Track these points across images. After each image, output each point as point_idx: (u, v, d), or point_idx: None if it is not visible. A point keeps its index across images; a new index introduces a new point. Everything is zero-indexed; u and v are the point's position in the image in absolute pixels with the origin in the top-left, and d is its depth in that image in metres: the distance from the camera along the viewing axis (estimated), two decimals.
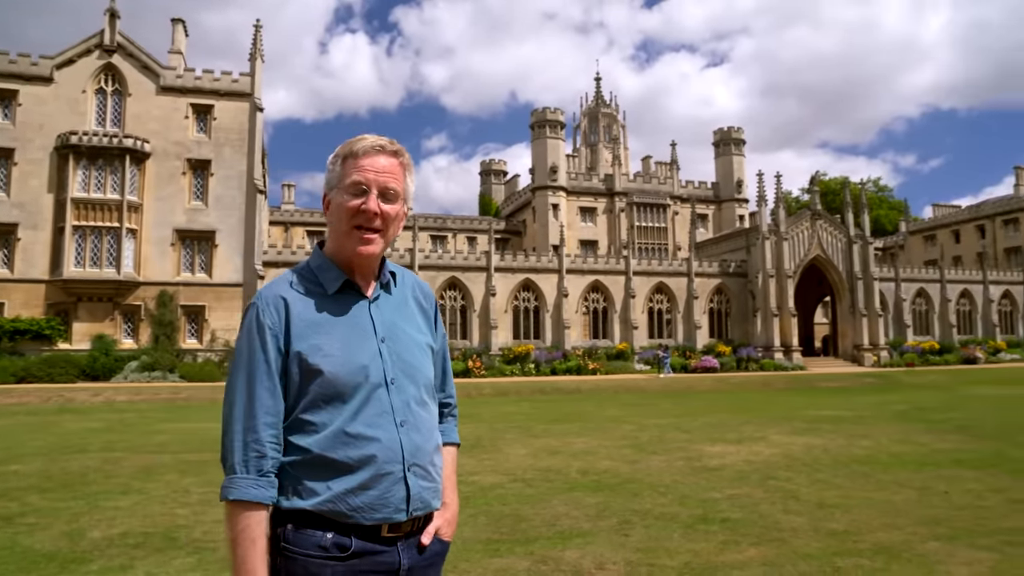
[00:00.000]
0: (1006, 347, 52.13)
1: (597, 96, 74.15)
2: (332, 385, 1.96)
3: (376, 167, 2.06)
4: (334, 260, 2.11)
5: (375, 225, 2.05)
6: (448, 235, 66.25)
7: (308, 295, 2.06)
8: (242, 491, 1.89)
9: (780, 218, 48.12)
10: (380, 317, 2.11)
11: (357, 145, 2.09)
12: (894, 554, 5.95)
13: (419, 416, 2.08)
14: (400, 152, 2.13)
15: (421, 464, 2.04)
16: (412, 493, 2.00)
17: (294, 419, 1.98)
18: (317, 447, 1.94)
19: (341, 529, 1.92)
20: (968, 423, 16.02)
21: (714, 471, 10.12)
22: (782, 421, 17.10)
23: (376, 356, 2.04)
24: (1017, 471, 9.81)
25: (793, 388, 32.19)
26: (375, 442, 1.96)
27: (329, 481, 1.93)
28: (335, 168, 2.11)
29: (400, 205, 2.12)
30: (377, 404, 2.00)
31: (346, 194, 2.05)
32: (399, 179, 2.10)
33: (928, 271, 56.96)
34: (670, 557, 5.95)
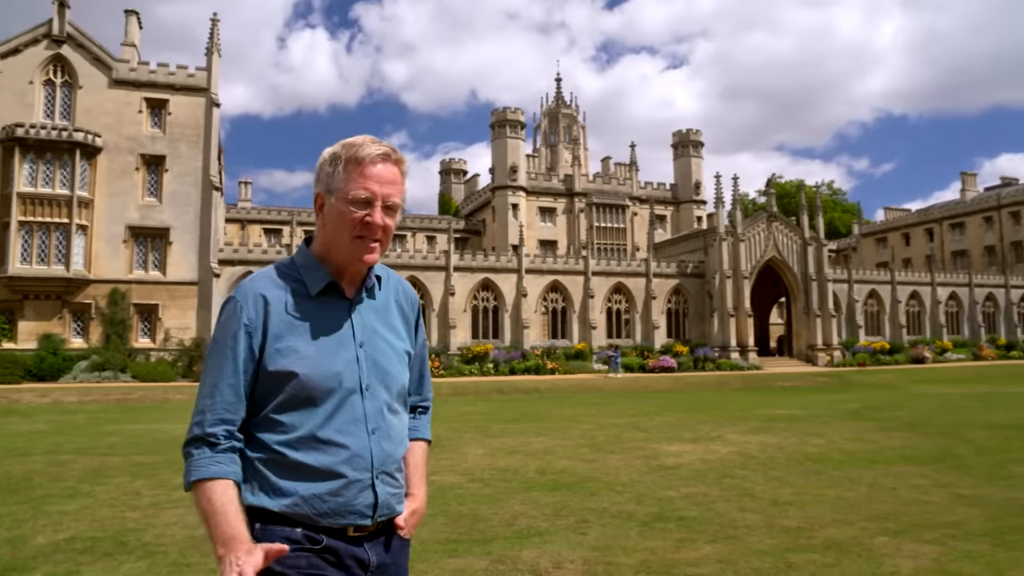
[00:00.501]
0: (952, 347, 53.51)
1: (557, 96, 74.38)
2: (305, 388, 1.94)
3: (381, 179, 2.03)
4: (322, 261, 2.08)
5: (379, 237, 2.04)
6: (407, 234, 65.91)
7: (290, 294, 2.03)
8: (200, 470, 1.87)
9: (737, 220, 48.78)
10: (360, 322, 2.08)
11: (362, 152, 2.03)
12: (844, 549, 6.06)
13: (391, 423, 2.07)
14: (401, 161, 2.11)
15: (389, 472, 2.05)
16: (380, 500, 2.00)
17: (265, 417, 1.97)
18: (287, 448, 1.93)
19: (309, 528, 1.93)
20: (916, 421, 16.40)
21: (671, 470, 10.21)
22: (738, 420, 17.31)
23: (352, 362, 2.02)
24: (961, 467, 10.07)
25: (749, 388, 32.65)
26: (345, 449, 1.96)
27: (297, 484, 1.92)
28: (336, 171, 2.05)
29: (398, 216, 2.12)
30: (350, 410, 1.98)
31: (351, 205, 2.01)
32: (400, 190, 2.09)
33: (879, 273, 58.23)
34: (627, 555, 5.98)
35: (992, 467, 10.06)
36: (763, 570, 5.54)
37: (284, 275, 2.08)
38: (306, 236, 2.19)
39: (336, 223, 2.03)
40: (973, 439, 13.00)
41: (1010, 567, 5.52)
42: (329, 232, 2.07)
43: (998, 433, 13.82)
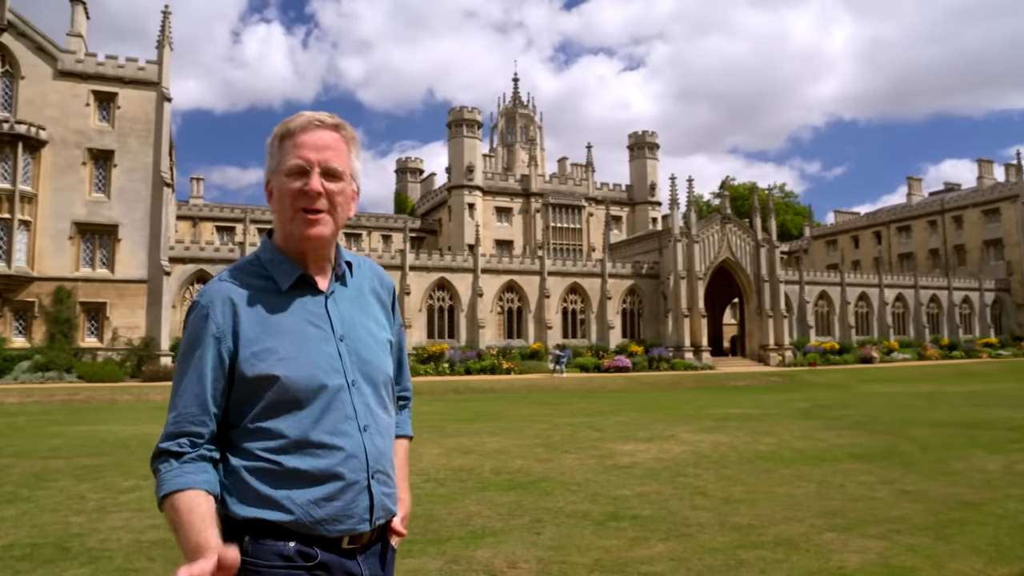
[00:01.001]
0: (898, 347, 54.87)
1: (515, 97, 74.51)
2: (289, 391, 1.82)
3: (316, 144, 1.90)
4: (285, 252, 1.96)
5: (320, 206, 1.89)
6: (362, 233, 65.42)
7: (259, 292, 1.91)
8: (170, 482, 1.75)
9: (691, 221, 49.35)
10: (338, 313, 1.97)
11: (293, 122, 1.93)
12: (794, 545, 6.16)
13: (380, 419, 1.96)
14: (341, 125, 1.97)
15: (384, 470, 1.94)
16: (376, 502, 1.89)
17: (250, 425, 1.84)
18: (278, 455, 1.81)
19: (303, 540, 1.80)
20: (864, 419, 16.76)
21: (625, 469, 10.28)
22: (691, 419, 17.51)
23: (335, 357, 1.90)
24: (906, 464, 10.31)
25: (702, 387, 33.06)
26: (339, 451, 1.84)
27: (291, 491, 1.80)
28: (273, 150, 1.95)
29: (346, 183, 1.95)
30: (340, 409, 1.87)
31: (286, 176, 1.89)
32: (342, 155, 1.94)
33: (830, 275, 59.44)
34: (581, 554, 6.00)
35: (935, 464, 10.32)
36: (715, 567, 5.60)
37: (251, 272, 1.95)
38: (268, 231, 2.06)
39: (280, 202, 1.92)
40: (917, 437, 13.33)
41: (950, 559, 5.67)
42: (277, 215, 1.95)
43: (941, 431, 14.19)
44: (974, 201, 70.37)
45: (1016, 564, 5.53)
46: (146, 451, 12.26)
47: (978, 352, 56.56)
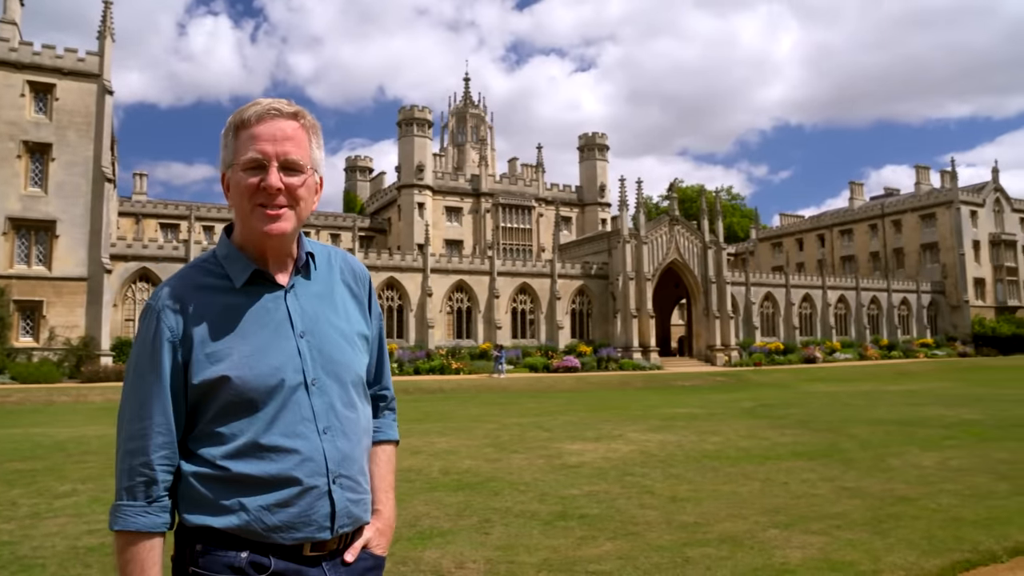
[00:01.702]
0: (840, 347, 56.25)
1: (466, 96, 74.38)
2: (241, 392, 1.73)
3: (274, 135, 1.78)
4: (243, 248, 1.85)
5: (279, 202, 1.78)
6: (311, 232, 64.59)
7: (213, 291, 1.81)
8: (128, 520, 1.68)
9: (640, 223, 49.85)
10: (298, 309, 1.85)
11: (249, 111, 1.80)
12: (738, 542, 6.25)
13: (346, 419, 1.83)
14: (300, 113, 1.84)
15: (349, 475, 1.82)
16: (337, 508, 1.77)
17: (203, 430, 1.76)
18: (228, 461, 1.71)
19: (257, 548, 1.71)
20: (807, 418, 17.12)
21: (573, 468, 10.32)
22: (639, 419, 17.68)
23: (294, 355, 1.79)
24: (846, 461, 10.55)
25: (650, 387, 33.42)
26: (294, 454, 1.74)
27: (242, 498, 1.70)
28: (228, 142, 1.83)
29: (308, 175, 1.83)
30: (295, 410, 1.76)
31: (243, 171, 1.78)
32: (302, 146, 1.82)
33: (775, 276, 60.63)
34: (529, 554, 6.00)
35: (873, 460, 10.59)
36: (661, 565, 5.65)
37: (205, 271, 1.85)
38: (227, 225, 1.93)
39: (237, 197, 1.80)
40: (857, 434, 13.66)
41: (886, 552, 5.82)
42: (235, 210, 1.84)
43: (879, 428, 14.57)
44: (912, 206, 72.53)
45: (947, 556, 5.70)
46: (84, 454, 11.92)
47: (915, 352, 58.29)
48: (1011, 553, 5.83)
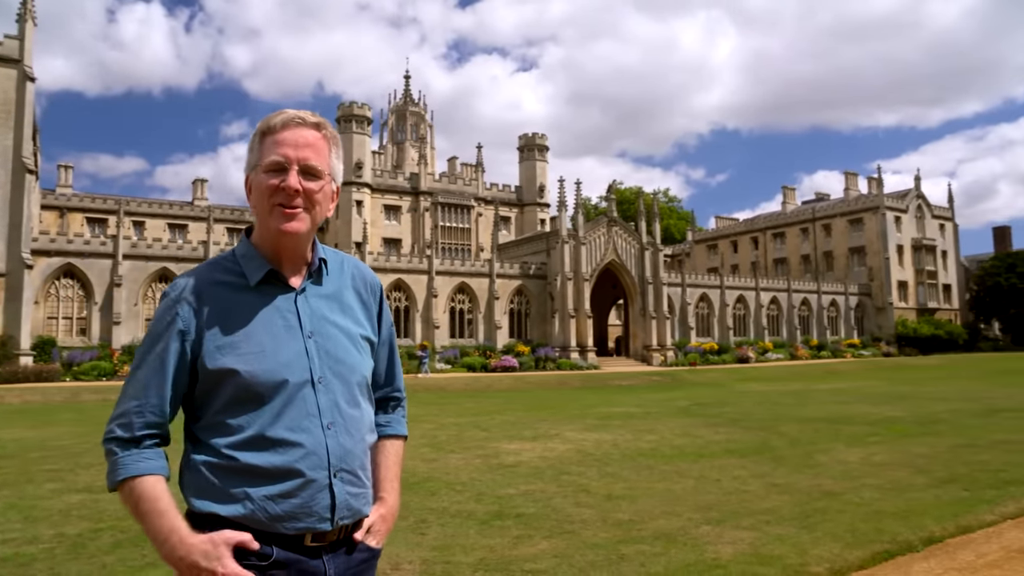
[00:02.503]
0: (772, 347, 57.68)
1: (406, 94, 73.95)
2: (249, 385, 1.81)
3: (296, 142, 1.89)
4: (260, 248, 1.94)
5: (297, 203, 1.88)
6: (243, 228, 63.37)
7: (228, 287, 1.90)
8: (129, 467, 1.76)
9: (579, 223, 50.27)
10: (308, 310, 1.93)
11: (275, 119, 1.92)
12: (672, 539, 6.36)
13: (349, 417, 1.92)
14: (322, 124, 1.96)
15: (350, 469, 1.89)
16: (338, 501, 1.85)
17: (212, 419, 1.84)
18: (235, 451, 1.79)
19: (261, 537, 1.77)
20: (739, 416, 17.50)
21: (510, 468, 10.35)
22: (576, 418, 17.83)
23: (301, 354, 1.87)
24: (776, 458, 10.83)
25: (587, 386, 33.72)
26: (298, 447, 1.82)
27: (248, 487, 1.78)
28: (254, 147, 1.94)
29: (325, 182, 1.93)
30: (301, 405, 1.84)
31: (264, 173, 1.88)
32: (322, 154, 1.93)
33: (710, 278, 61.85)
34: (465, 554, 6.00)
35: (802, 457, 10.89)
36: (596, 563, 5.71)
37: (222, 267, 1.94)
38: (247, 227, 2.03)
39: (257, 197, 1.91)
40: (787, 432, 14.02)
41: (812, 545, 6.00)
42: (256, 210, 1.94)
43: (808, 426, 14.98)
44: (841, 211, 74.81)
45: (868, 547, 5.91)
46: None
47: (843, 352, 60.15)
48: (926, 543, 6.08)
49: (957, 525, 6.59)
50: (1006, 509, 7.21)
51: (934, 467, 9.76)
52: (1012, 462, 10.01)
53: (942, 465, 9.91)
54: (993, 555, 5.73)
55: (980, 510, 7.18)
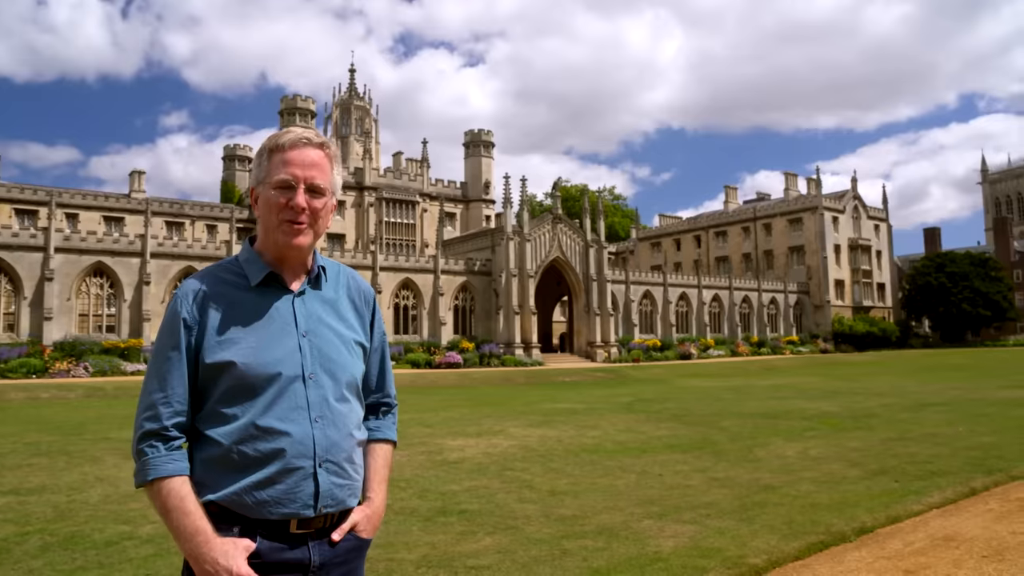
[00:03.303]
0: (714, 344, 58.69)
1: (351, 88, 73.13)
2: (244, 377, 1.94)
3: (303, 162, 2.04)
4: (263, 255, 2.10)
5: (303, 220, 2.03)
6: (185, 222, 61.94)
7: (230, 287, 2.05)
8: (159, 468, 1.88)
9: (524, 220, 50.38)
10: (304, 311, 2.08)
11: (283, 139, 2.07)
12: (614, 533, 6.42)
13: (337, 412, 2.03)
14: (326, 144, 2.11)
15: (335, 460, 2.00)
16: (321, 489, 1.96)
17: (207, 411, 1.97)
18: (228, 439, 1.92)
19: (248, 524, 1.90)
20: (681, 412, 17.77)
21: (454, 464, 10.33)
22: (520, 414, 17.88)
23: (295, 350, 2.01)
24: (717, 452, 11.03)
25: (532, 383, 33.84)
26: (286, 436, 1.94)
27: (237, 473, 1.91)
28: (261, 163, 2.09)
29: (328, 198, 2.10)
30: (291, 398, 1.97)
31: (273, 190, 2.03)
32: (326, 173, 2.08)
33: (654, 275, 62.59)
34: (408, 551, 5.96)
35: (742, 452, 11.11)
36: (540, 558, 5.73)
37: (226, 270, 2.10)
38: (250, 235, 2.21)
39: (265, 211, 2.06)
40: (728, 427, 14.29)
41: (751, 538, 6.12)
42: (262, 222, 2.09)
43: (748, 421, 15.29)
44: (781, 211, 76.48)
45: (804, 539, 6.06)
46: None
47: (782, 349, 61.54)
48: (858, 533, 6.27)
49: (887, 515, 6.80)
50: (932, 499, 7.47)
51: (867, 460, 10.05)
52: (939, 454, 10.37)
53: (874, 458, 10.22)
54: (919, 543, 5.93)
55: (908, 501, 7.42)
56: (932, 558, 5.52)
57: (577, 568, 5.46)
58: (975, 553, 5.62)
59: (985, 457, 10.01)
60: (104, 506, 7.78)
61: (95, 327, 39.26)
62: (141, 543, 6.22)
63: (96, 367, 33.19)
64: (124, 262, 39.83)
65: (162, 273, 40.50)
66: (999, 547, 5.77)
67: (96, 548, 6.09)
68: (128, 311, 39.52)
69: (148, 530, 6.61)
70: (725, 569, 5.33)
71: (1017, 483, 8.36)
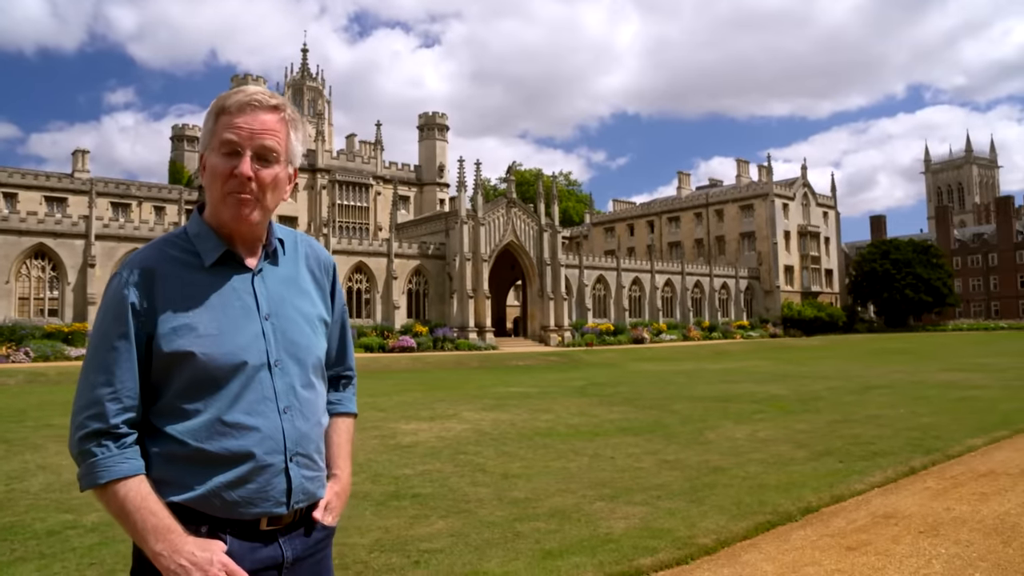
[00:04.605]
0: (666, 328, 59.42)
1: (303, 68, 72.01)
2: (206, 369, 1.76)
3: (251, 124, 1.81)
4: (213, 227, 1.87)
5: (249, 191, 1.81)
6: (132, 203, 60.48)
7: (182, 266, 1.83)
8: (112, 470, 1.70)
9: (478, 204, 50.29)
10: (265, 292, 1.89)
11: (230, 100, 1.85)
12: (566, 515, 6.48)
13: (305, 400, 1.89)
14: (281, 106, 1.89)
15: (305, 452, 1.87)
16: (294, 485, 1.83)
17: (166, 404, 1.79)
18: (192, 438, 1.75)
19: (216, 524, 1.75)
20: (633, 396, 17.96)
21: (407, 448, 10.31)
22: (474, 398, 17.90)
23: (259, 336, 1.84)
24: (668, 435, 11.18)
25: (485, 367, 33.90)
26: (255, 432, 1.79)
27: (204, 474, 1.75)
28: (208, 125, 1.87)
29: (281, 167, 1.87)
30: (258, 389, 1.81)
31: (217, 155, 1.81)
32: (279, 137, 1.86)
33: (607, 260, 63.06)
34: (361, 535, 5.94)
35: (692, 434, 11.28)
36: (492, 540, 5.76)
37: (176, 246, 1.87)
38: (199, 203, 1.95)
39: (210, 180, 1.84)
40: (679, 410, 14.49)
41: (700, 518, 6.23)
42: (208, 192, 1.87)
43: (699, 404, 15.53)
44: (733, 197, 77.54)
45: (752, 519, 6.18)
46: None
47: (733, 333, 62.54)
48: (804, 512, 6.42)
49: (831, 495, 6.98)
50: (874, 479, 7.69)
51: (813, 442, 10.29)
52: (881, 435, 10.67)
53: (820, 439, 10.46)
54: (862, 521, 6.10)
55: (852, 480, 7.62)
56: (873, 535, 5.69)
57: (529, 550, 5.50)
58: (912, 529, 5.80)
59: (924, 437, 10.32)
60: (46, 495, 7.61)
61: (36, 311, 38.20)
62: (85, 532, 6.10)
63: (38, 352, 32.30)
64: (67, 244, 38.77)
65: (108, 256, 39.52)
66: (934, 523, 5.96)
67: (37, 538, 5.95)
68: (72, 294, 38.53)
69: (93, 518, 6.48)
70: (675, 549, 5.42)
71: (952, 462, 8.65)
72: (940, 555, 5.18)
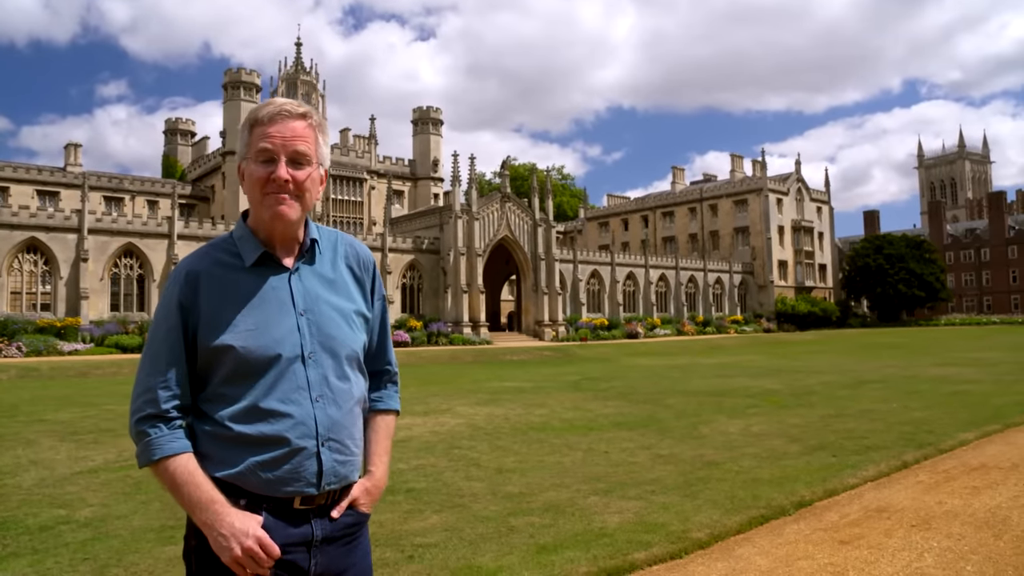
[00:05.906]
0: (660, 323, 59.51)
1: (297, 61, 71.60)
2: (244, 361, 1.95)
3: (283, 132, 2.01)
4: (255, 231, 2.07)
5: (286, 192, 2.00)
6: (125, 197, 60.23)
7: (225, 267, 2.04)
8: (165, 447, 1.91)
9: (473, 199, 50.23)
10: (301, 289, 2.06)
11: (263, 112, 2.04)
12: (560, 510, 6.48)
13: (338, 390, 2.04)
14: (308, 114, 2.07)
15: (337, 439, 2.02)
16: (325, 468, 1.99)
17: (210, 392, 1.99)
18: (232, 421, 1.94)
19: (254, 499, 1.93)
20: (628, 390, 17.99)
21: (401, 443, 10.30)
22: (468, 393, 17.90)
23: (294, 330, 2.01)
24: (662, 430, 11.20)
25: (480, 362, 33.89)
26: (288, 418, 1.96)
27: (242, 454, 1.94)
28: (243, 137, 2.07)
29: (313, 168, 2.05)
30: (292, 379, 1.98)
31: (255, 163, 2.01)
32: (309, 141, 2.04)
33: (601, 255, 63.08)
34: None
35: (686, 428, 11.30)
36: (486, 535, 5.76)
37: (222, 248, 2.08)
38: (244, 211, 2.14)
39: (250, 186, 2.04)
40: (673, 405, 14.52)
41: (694, 513, 6.24)
42: (249, 198, 2.06)
43: (693, 399, 15.56)
44: (727, 192, 77.63)
45: (745, 513, 6.20)
46: None
47: (727, 328, 62.68)
48: (797, 506, 6.44)
49: (824, 489, 7.00)
50: (867, 473, 7.71)
51: (806, 436, 10.31)
52: (874, 429, 10.70)
53: (813, 434, 10.49)
54: (854, 515, 6.12)
55: (845, 474, 7.64)
56: (866, 528, 5.71)
57: (524, 545, 5.50)
58: (905, 523, 5.83)
59: (916, 432, 10.36)
60: (39, 490, 7.58)
61: (29, 305, 38.06)
62: (78, 527, 6.08)
63: (31, 347, 32.18)
64: (60, 238, 38.60)
65: (100, 250, 39.38)
66: (927, 516, 5.99)
67: (30, 533, 5.94)
68: (65, 289, 38.38)
69: (86, 514, 6.47)
70: (669, 544, 5.43)
71: (945, 456, 8.69)
72: (932, 548, 5.20)
